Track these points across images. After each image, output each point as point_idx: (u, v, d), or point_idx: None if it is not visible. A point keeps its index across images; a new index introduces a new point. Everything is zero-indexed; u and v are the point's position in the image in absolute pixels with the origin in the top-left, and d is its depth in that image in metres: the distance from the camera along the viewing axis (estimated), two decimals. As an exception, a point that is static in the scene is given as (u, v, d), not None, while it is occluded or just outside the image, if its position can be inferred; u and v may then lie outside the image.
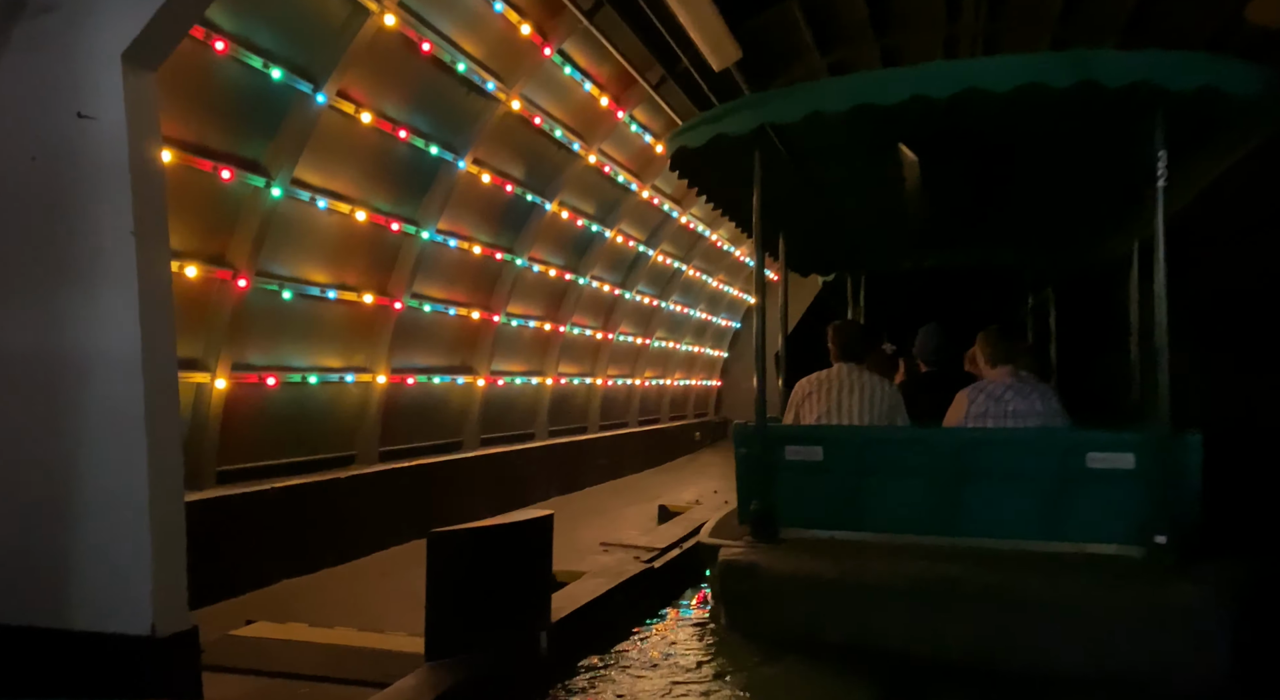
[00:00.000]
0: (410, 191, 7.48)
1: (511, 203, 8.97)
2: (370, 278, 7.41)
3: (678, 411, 16.81)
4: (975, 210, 5.93)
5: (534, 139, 8.66)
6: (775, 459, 4.01)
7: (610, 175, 10.36)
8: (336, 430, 7.42)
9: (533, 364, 10.88)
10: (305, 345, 6.90)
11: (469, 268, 8.80)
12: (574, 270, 10.99)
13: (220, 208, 5.70)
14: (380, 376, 7.68)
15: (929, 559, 3.60)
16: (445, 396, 9.02)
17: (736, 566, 3.73)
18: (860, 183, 5.29)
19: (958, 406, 4.21)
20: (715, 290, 16.70)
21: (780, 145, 4.33)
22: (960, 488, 3.86)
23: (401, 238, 7.58)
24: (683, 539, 7.52)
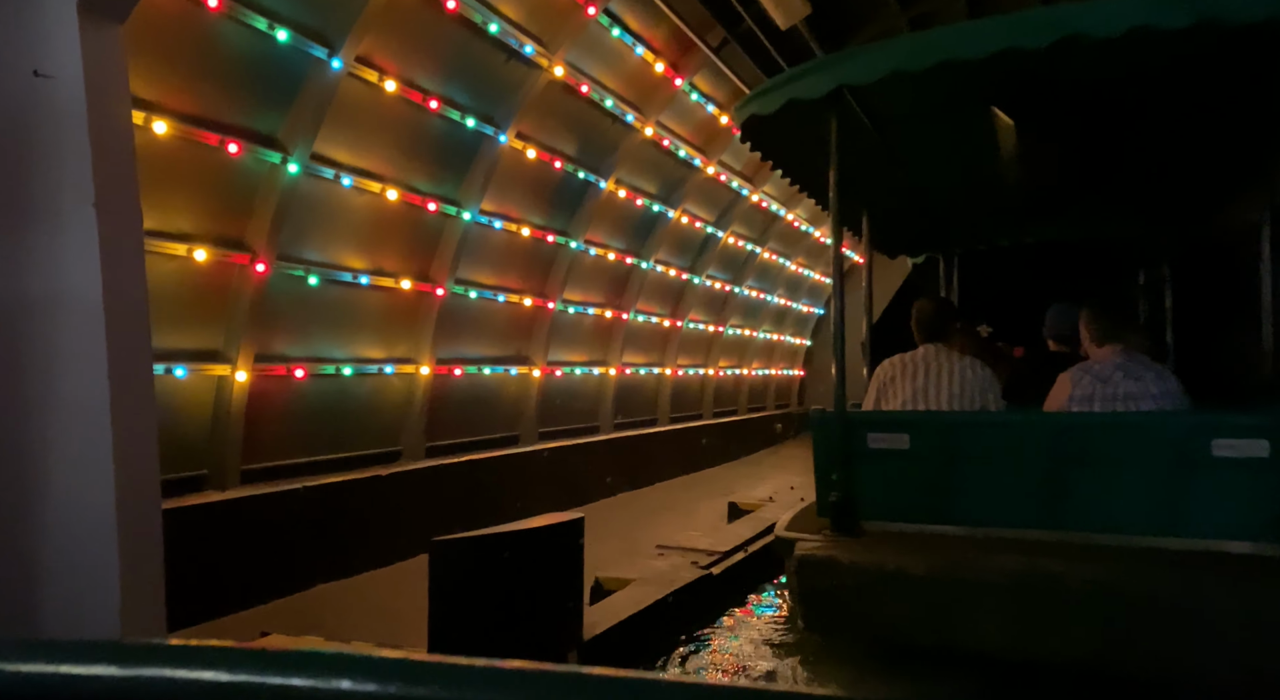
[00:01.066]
0: (448, 169, 7.04)
1: (563, 181, 8.46)
2: (409, 263, 7.01)
3: (756, 402, 16.09)
4: (1079, 178, 5.45)
5: (583, 110, 8.12)
6: (857, 447, 3.76)
7: (671, 150, 9.74)
8: (379, 425, 7.06)
9: (595, 353, 10.37)
10: (339, 335, 6.54)
11: (519, 252, 8.33)
12: (636, 254, 10.43)
13: (232, 186, 5.35)
14: (424, 368, 7.29)
15: (1029, 554, 3.32)
16: (498, 388, 8.60)
17: (814, 561, 3.49)
18: (950, 151, 4.90)
19: (1060, 389, 3.87)
20: (794, 274, 15.89)
21: (860, 111, 4.01)
22: (1063, 478, 3.54)
23: (441, 219, 7.16)
24: (749, 541, 6.90)
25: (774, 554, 7.03)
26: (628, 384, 11.16)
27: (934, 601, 3.33)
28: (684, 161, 10.16)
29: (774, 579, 6.49)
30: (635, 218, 10.08)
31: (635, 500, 10.10)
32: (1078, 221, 6.40)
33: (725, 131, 10.47)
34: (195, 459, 5.48)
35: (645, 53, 8.20)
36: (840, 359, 3.88)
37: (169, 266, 5.08)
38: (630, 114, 8.57)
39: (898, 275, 15.73)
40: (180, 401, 5.37)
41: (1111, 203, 6.02)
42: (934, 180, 5.38)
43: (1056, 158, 4.97)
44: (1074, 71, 3.75)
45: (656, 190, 10.19)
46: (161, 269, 5.06)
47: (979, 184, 5.50)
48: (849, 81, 3.58)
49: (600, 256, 9.66)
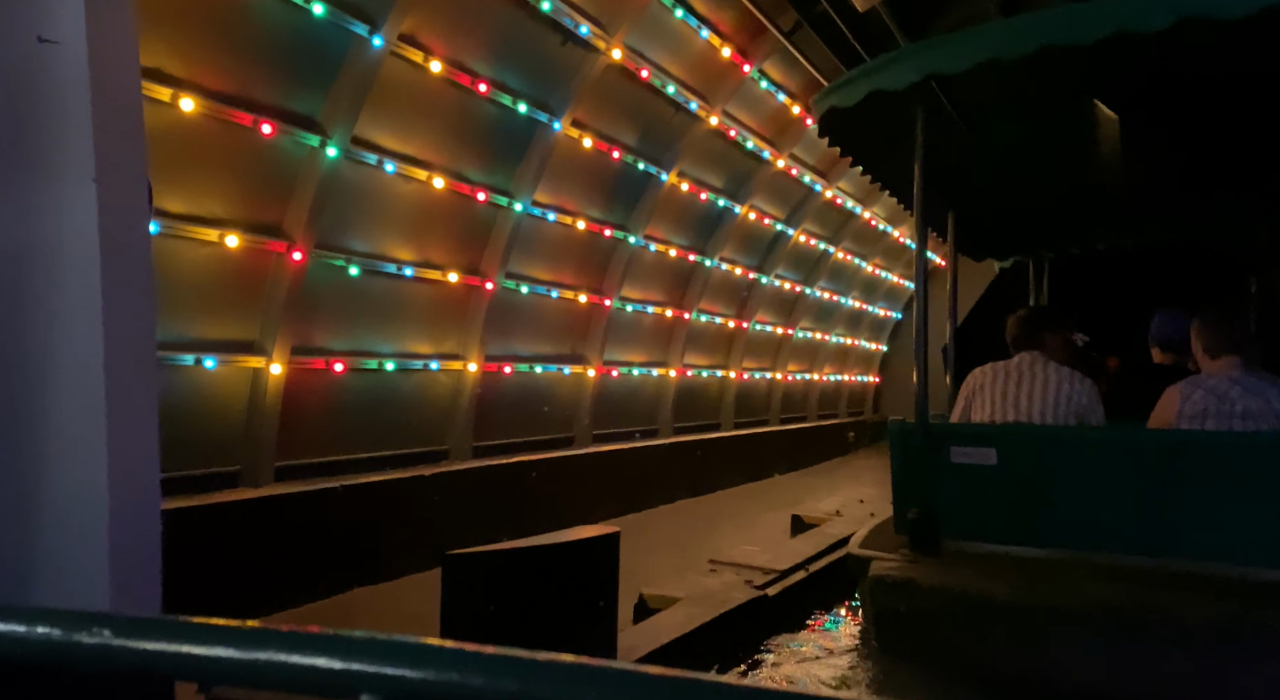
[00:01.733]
0: (500, 157, 6.76)
1: (621, 172, 8.11)
2: (458, 255, 6.76)
3: (828, 409, 15.48)
4: (1186, 177, 5.10)
5: (644, 97, 7.76)
6: (939, 460, 3.57)
7: (739, 141, 9.30)
8: (423, 423, 6.83)
9: (654, 354, 10.00)
10: (382, 329, 6.32)
11: (574, 246, 8.02)
12: (700, 251, 10.02)
13: (268, 170, 5.16)
14: (472, 364, 7.03)
15: (1128, 583, 3.09)
16: (551, 388, 8.30)
17: (890, 582, 3.32)
18: (1045, 148, 4.66)
19: (1167, 404, 3.60)
20: (870, 276, 15.24)
21: (948, 103, 3.81)
22: (1170, 501, 3.29)
23: (492, 210, 6.89)
24: (811, 559, 6.42)
25: (840, 575, 6.62)
26: (689, 386, 10.76)
27: (1020, 631, 3.11)
28: (752, 153, 9.71)
29: (836, 605, 6.01)
30: (699, 213, 9.68)
31: (694, 508, 9.69)
32: (1183, 224, 5.97)
33: (797, 123, 9.99)
34: (228, 454, 5.30)
35: (711, 36, 7.79)
36: (922, 366, 3.65)
37: (200, 253, 4.91)
38: (694, 102, 8.17)
39: (982, 280, 15.06)
40: (212, 394, 5.20)
41: (1222, 204, 5.57)
42: (1026, 179, 5.07)
43: (1163, 155, 4.65)
44: (1190, 60, 3.45)
45: (722, 184, 9.76)
46: (192, 256, 4.89)
47: (1076, 184, 5.19)
48: (937, 71, 3.35)
49: (661, 252, 9.28)
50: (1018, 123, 4.24)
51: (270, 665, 0.68)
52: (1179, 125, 4.29)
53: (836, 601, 6.40)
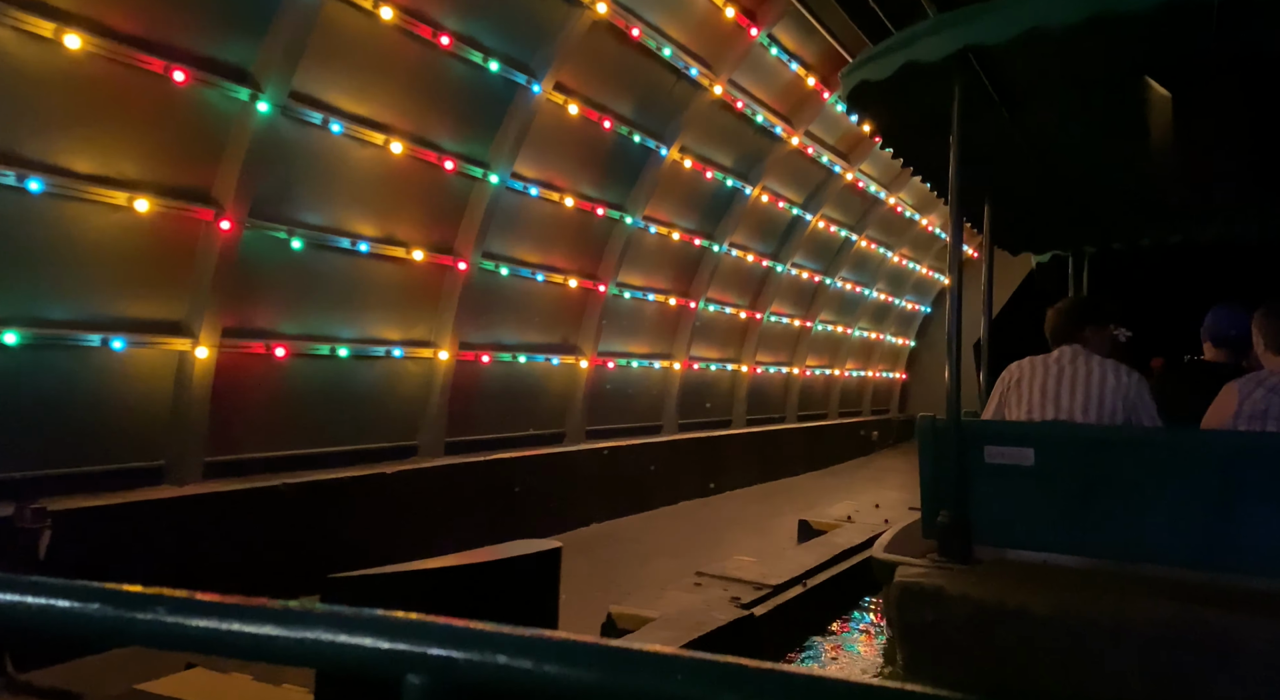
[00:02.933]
0: (473, 123, 6.14)
1: (616, 146, 7.45)
2: (426, 231, 6.14)
3: (850, 407, 14.68)
4: (1245, 166, 4.70)
5: (638, 62, 7.08)
6: (972, 460, 3.31)
7: (748, 114, 8.58)
8: (389, 416, 6.23)
9: (658, 345, 9.31)
10: (339, 311, 5.74)
11: (563, 225, 7.38)
12: (708, 235, 9.32)
13: (192, 126, 4.62)
14: (444, 352, 6.42)
15: (1179, 599, 2.78)
16: (539, 380, 7.65)
17: (918, 591, 3.03)
18: (1091, 132, 4.30)
19: (1224, 403, 3.29)
20: (897, 266, 14.42)
21: (987, 80, 3.51)
22: (1227, 510, 2.98)
23: (466, 182, 6.26)
24: (812, 571, 5.71)
25: (843, 589, 5.95)
26: (697, 381, 10.06)
27: (1061, 648, 2.83)
28: (764, 129, 8.98)
29: (832, 624, 5.31)
30: (706, 193, 8.97)
31: (699, 511, 9.01)
32: (1240, 218, 5.47)
33: (814, 97, 9.25)
34: (150, 448, 4.72)
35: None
36: (955, 361, 3.41)
37: (109, 219, 4.33)
38: (695, 68, 7.47)
39: (1016, 274, 14.31)
40: (129, 380, 4.62)
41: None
42: (1069, 167, 4.72)
43: (1220, 141, 4.29)
44: (1254, 33, 3.15)
45: (731, 163, 9.06)
46: (100, 222, 4.31)
47: (1123, 173, 4.83)
48: (977, 42, 3.05)
49: (664, 236, 8.60)
50: (1061, 103, 3.87)
51: (317, 644, 0.70)
52: (1239, 108, 3.87)
53: (835, 620, 5.70)
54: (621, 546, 7.26)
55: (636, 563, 6.76)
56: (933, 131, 3.50)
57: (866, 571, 6.50)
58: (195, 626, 0.73)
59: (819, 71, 8.92)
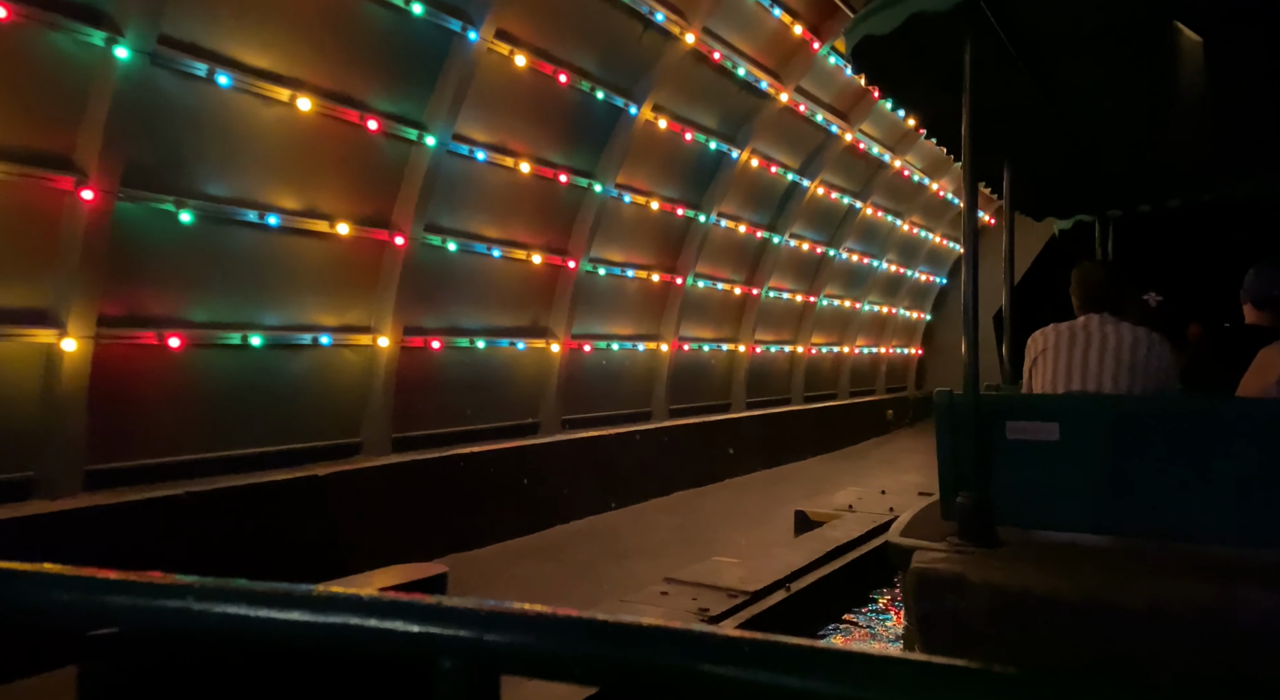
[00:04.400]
0: (390, 71, 5.39)
1: (580, 104, 6.69)
2: (356, 201, 5.43)
3: (862, 385, 13.84)
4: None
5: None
6: (993, 437, 3.10)
7: (727, 67, 7.77)
8: (325, 411, 5.54)
9: (643, 325, 8.56)
10: (256, 294, 5.05)
11: (520, 193, 6.64)
12: (695, 206, 8.53)
13: (42, 77, 3.87)
14: (384, 338, 5.71)
15: (1219, 578, 2.49)
16: (507, 367, 6.94)
17: (937, 577, 2.81)
18: (1116, 86, 4.02)
19: (1265, 367, 3.09)
20: (908, 236, 13.52)
21: (1001, 31, 3.32)
22: (1269, 482, 2.74)
23: (398, 145, 5.54)
24: (799, 572, 4.96)
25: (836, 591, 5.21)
26: (689, 363, 9.29)
27: (1092, 635, 2.64)
28: (748, 85, 8.15)
29: (819, 633, 4.55)
30: (688, 157, 8.18)
31: (692, 503, 8.26)
32: (1275, 175, 5.15)
33: (804, 49, 8.40)
34: (14, 457, 4.05)
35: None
36: (972, 332, 3.17)
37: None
38: (661, 13, 6.66)
39: (1038, 240, 13.60)
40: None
41: None
42: (1093, 123, 4.43)
43: (1256, 90, 3.97)
44: None
45: (715, 124, 8.24)
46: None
47: (1151, 128, 4.53)
48: None
49: (641, 205, 7.83)
50: (1083, 55, 3.61)
51: (346, 628, 0.70)
52: (1275, 54, 3.56)
53: (823, 628, 4.94)
54: (600, 545, 6.54)
55: (612, 563, 6.04)
56: (945, 89, 3.24)
57: (865, 568, 5.78)
58: (224, 613, 0.72)
59: (806, 19, 8.07)
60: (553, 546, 6.48)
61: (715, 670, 0.67)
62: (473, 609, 0.68)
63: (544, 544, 6.54)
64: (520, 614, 0.68)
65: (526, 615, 0.68)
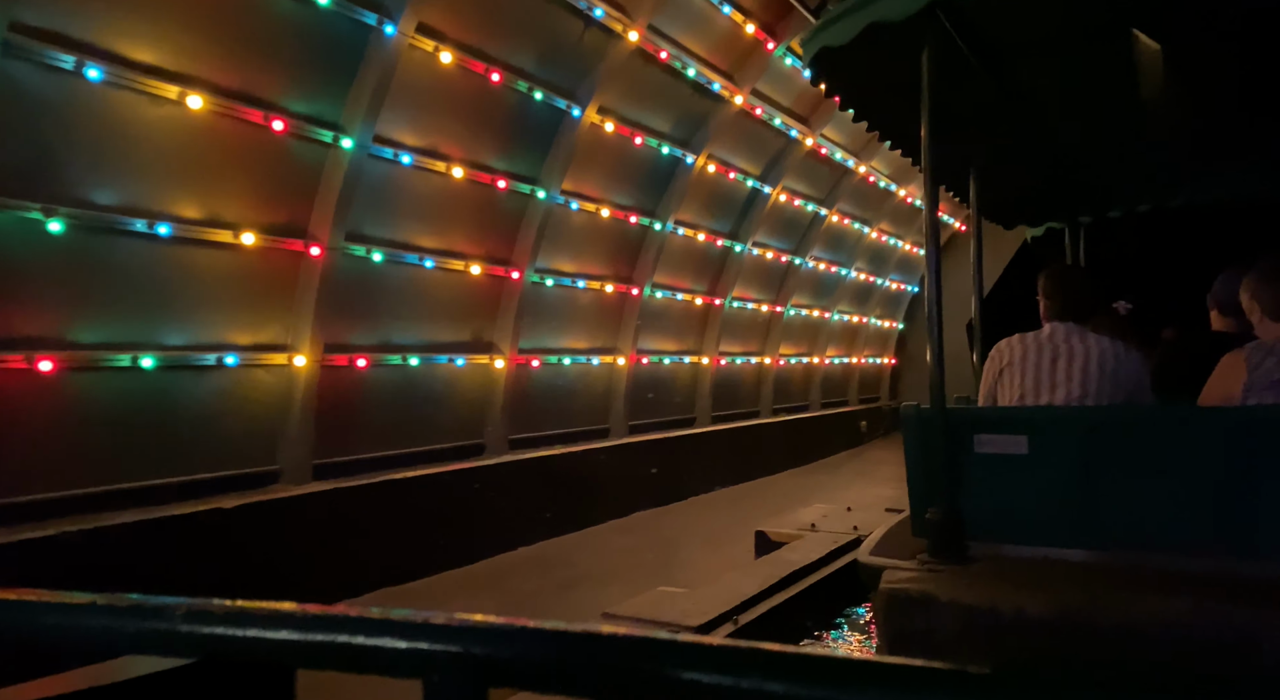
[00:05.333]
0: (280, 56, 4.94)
1: (518, 105, 6.24)
2: (266, 210, 4.95)
3: (835, 396, 13.41)
4: (1245, 119, 4.39)
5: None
6: (961, 451, 2.98)
7: (678, 69, 7.36)
8: (235, 437, 5.04)
9: (598, 338, 8.10)
10: (148, 311, 4.54)
11: (458, 199, 6.17)
12: (648, 212, 8.10)
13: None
14: (300, 357, 5.23)
15: (1194, 593, 2.39)
16: (446, 384, 6.46)
17: (906, 598, 2.68)
18: (1079, 92, 4.03)
19: (1228, 374, 2.92)
20: (877, 243, 13.15)
21: (960, 39, 3.20)
22: (1239, 490, 2.64)
23: (315, 148, 5.07)
24: (750, 602, 4.50)
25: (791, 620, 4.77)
26: (649, 376, 8.83)
27: (1064, 654, 2.50)
28: (702, 88, 7.74)
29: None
30: (640, 163, 7.76)
31: (653, 523, 7.78)
32: (1243, 178, 5.20)
33: (758, 49, 8.02)
34: None
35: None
36: (937, 343, 3.08)
37: None
38: (600, 9, 6.23)
39: (1009, 246, 13.34)
40: None
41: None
42: (1058, 131, 4.42)
43: (1216, 94, 4.03)
44: None
45: (670, 129, 7.83)
46: None
47: (1116, 134, 4.55)
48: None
49: (590, 212, 7.38)
50: (1044, 63, 3.58)
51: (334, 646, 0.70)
52: (1233, 58, 3.58)
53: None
54: (547, 573, 6.05)
55: (556, 594, 5.55)
56: (906, 98, 3.21)
57: (825, 593, 5.33)
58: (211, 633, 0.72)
59: (758, 18, 7.68)
60: (496, 576, 5.99)
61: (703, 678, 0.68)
62: (459, 624, 0.68)
63: (487, 573, 6.04)
64: (507, 627, 0.68)
65: (513, 628, 0.68)
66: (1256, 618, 2.29)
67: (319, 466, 5.39)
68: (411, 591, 5.51)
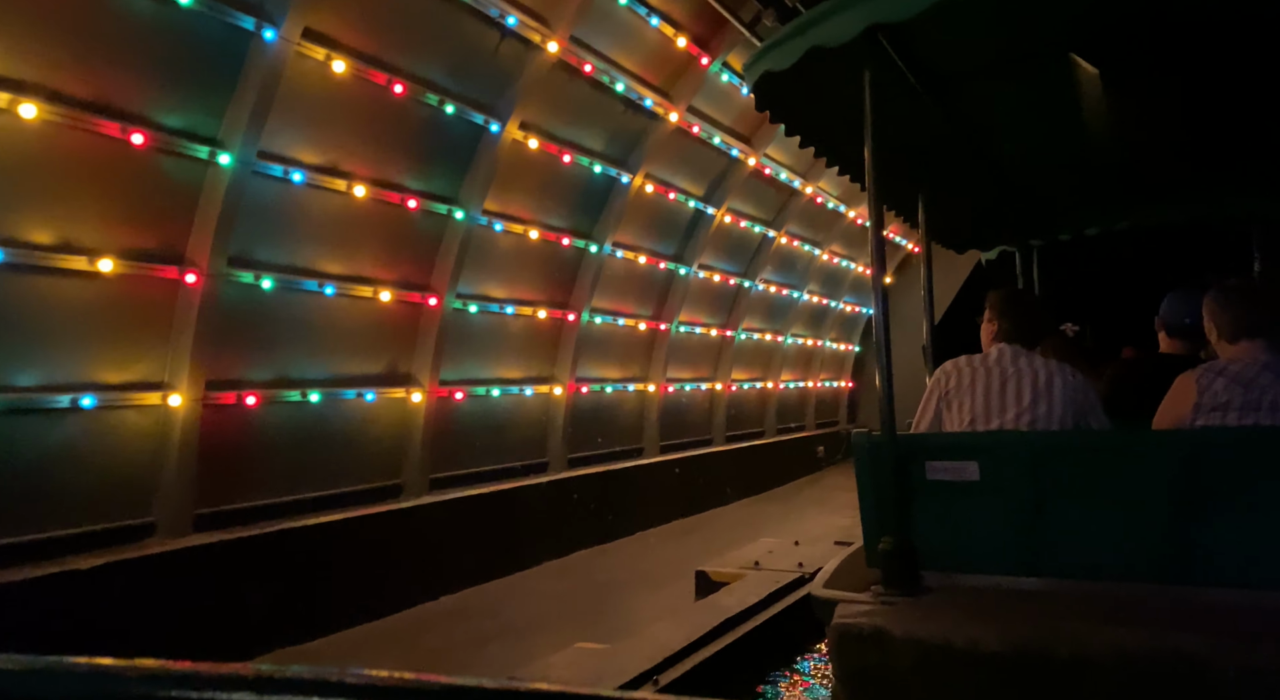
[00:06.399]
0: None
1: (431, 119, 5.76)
2: (127, 233, 4.40)
3: (791, 421, 12.96)
4: (1183, 143, 4.43)
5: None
6: (914, 478, 2.88)
7: (606, 84, 6.94)
8: (97, 488, 4.43)
9: (533, 367, 7.57)
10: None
11: (377, 223, 5.66)
12: (584, 234, 7.64)
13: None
14: (175, 396, 4.65)
15: (1150, 623, 2.33)
16: (358, 420, 5.90)
17: (858, 633, 2.57)
18: (1020, 117, 4.00)
19: (1180, 396, 2.90)
20: (829, 265, 12.81)
21: (902, 63, 3.15)
22: (1191, 515, 2.57)
23: (195, 165, 4.55)
24: (674, 658, 3.96)
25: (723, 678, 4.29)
26: (591, 406, 8.31)
27: (1018, 688, 2.41)
28: (633, 103, 7.32)
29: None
30: (572, 182, 7.30)
31: (591, 564, 7.22)
32: (1185, 201, 5.19)
33: (692, 65, 7.64)
34: None
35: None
36: (886, 368, 2.97)
37: None
38: (514, 16, 5.79)
39: (963, 269, 13.16)
40: None
41: (1229, 175, 4.83)
42: (1004, 155, 4.42)
43: (1155, 118, 4.04)
44: None
45: (603, 147, 7.39)
46: None
47: (1061, 158, 4.61)
48: (884, 19, 2.74)
49: (518, 234, 6.90)
50: (987, 87, 3.59)
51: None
52: (1170, 81, 3.63)
53: None
54: (467, 626, 5.46)
55: (470, 650, 4.98)
56: (851, 124, 3.14)
57: (763, 641, 4.81)
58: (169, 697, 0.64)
59: (690, 31, 7.30)
60: (410, 631, 5.39)
61: None
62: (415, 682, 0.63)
63: (400, 628, 5.44)
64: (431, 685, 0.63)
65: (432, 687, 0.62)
66: (1212, 648, 2.20)
67: (202, 517, 4.79)
68: (309, 652, 4.90)
